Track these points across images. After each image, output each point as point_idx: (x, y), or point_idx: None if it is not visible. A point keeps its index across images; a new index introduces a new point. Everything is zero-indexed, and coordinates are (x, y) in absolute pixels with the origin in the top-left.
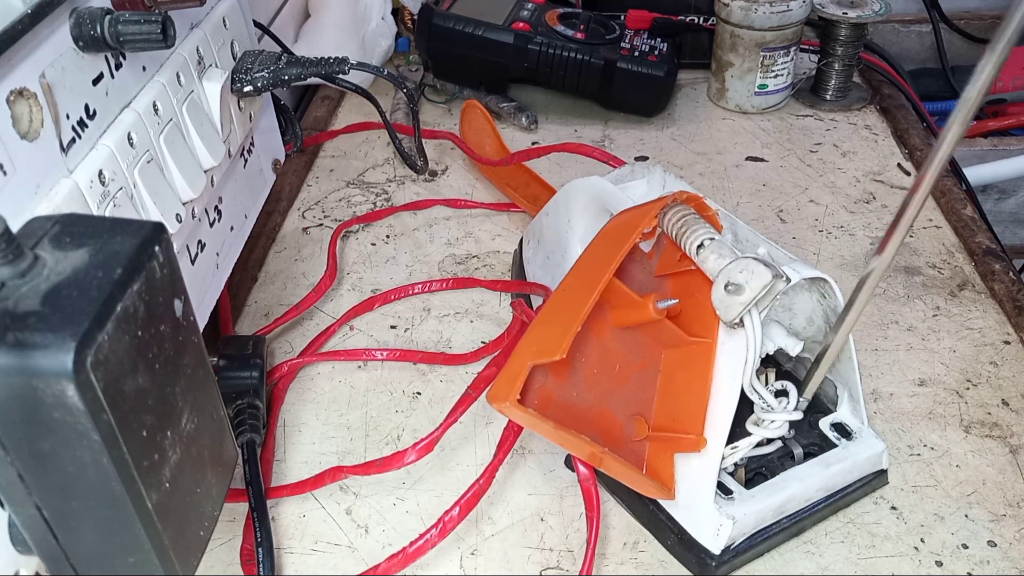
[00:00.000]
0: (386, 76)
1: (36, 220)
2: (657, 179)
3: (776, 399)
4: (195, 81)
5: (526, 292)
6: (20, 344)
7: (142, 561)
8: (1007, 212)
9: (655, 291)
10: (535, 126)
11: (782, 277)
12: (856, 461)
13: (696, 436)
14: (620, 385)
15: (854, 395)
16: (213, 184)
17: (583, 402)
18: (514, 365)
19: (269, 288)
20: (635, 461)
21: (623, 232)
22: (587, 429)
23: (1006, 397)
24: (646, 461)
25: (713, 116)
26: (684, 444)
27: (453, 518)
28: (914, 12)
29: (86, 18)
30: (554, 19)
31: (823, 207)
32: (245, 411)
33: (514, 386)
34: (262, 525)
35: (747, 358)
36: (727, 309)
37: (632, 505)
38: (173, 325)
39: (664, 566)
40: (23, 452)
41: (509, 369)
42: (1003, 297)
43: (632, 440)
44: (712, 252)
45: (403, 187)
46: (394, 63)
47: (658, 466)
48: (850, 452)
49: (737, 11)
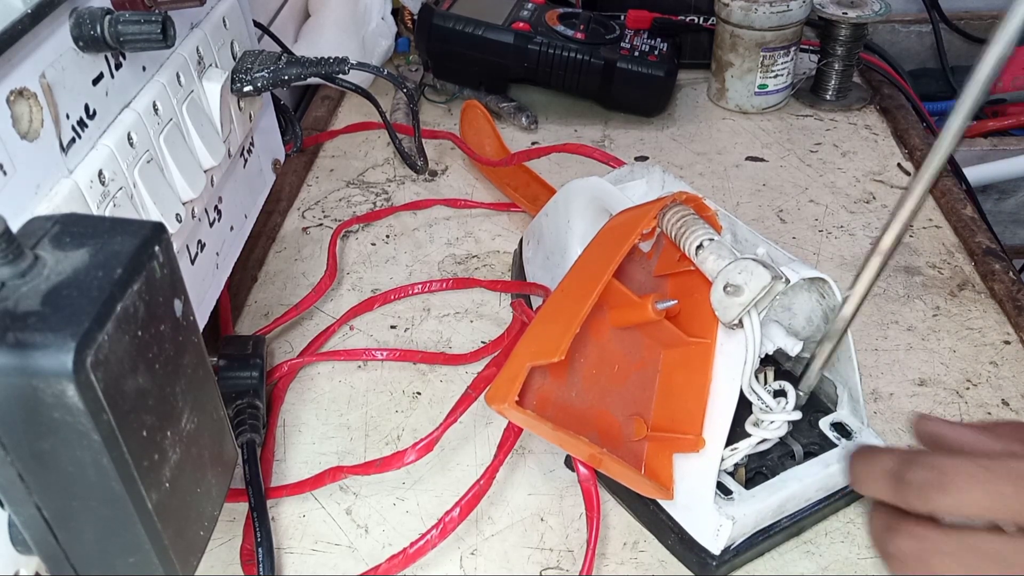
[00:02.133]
0: (386, 76)
1: (36, 220)
2: (656, 179)
3: (775, 399)
4: (195, 81)
5: (526, 292)
6: (20, 344)
7: (142, 561)
8: (1007, 212)
9: (654, 291)
10: (535, 126)
11: (781, 278)
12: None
13: (695, 436)
14: (619, 385)
15: (854, 395)
16: (213, 184)
17: (582, 402)
18: (512, 366)
19: (269, 288)
20: (634, 461)
21: (622, 232)
22: (586, 429)
23: (1006, 397)
24: (645, 461)
25: (713, 116)
26: (683, 444)
27: (454, 519)
28: (914, 12)
29: (86, 18)
30: (554, 19)
31: (823, 207)
32: (245, 411)
33: (512, 387)
34: (262, 525)
35: (746, 359)
36: (726, 310)
37: (632, 505)
38: (173, 325)
39: (664, 566)
40: (23, 452)
41: (508, 370)
42: (1003, 297)
43: (631, 440)
44: (711, 253)
45: (403, 187)
46: (394, 63)
47: (657, 466)
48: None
49: (737, 11)
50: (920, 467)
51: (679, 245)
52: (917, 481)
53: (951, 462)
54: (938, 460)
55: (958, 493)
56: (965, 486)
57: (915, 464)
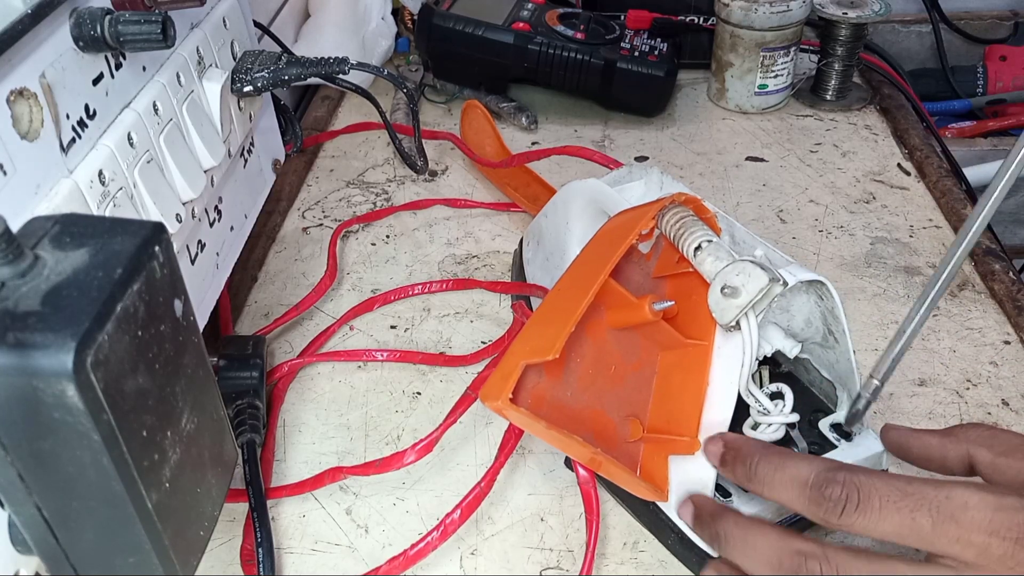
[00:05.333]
0: (386, 76)
1: (36, 220)
2: (655, 180)
3: (772, 402)
4: (195, 81)
5: (526, 294)
6: (20, 344)
7: (142, 561)
8: (1007, 212)
9: (652, 292)
10: (535, 126)
11: (779, 280)
12: (855, 462)
13: (690, 438)
14: (615, 386)
15: (852, 396)
16: (213, 184)
17: (577, 402)
18: (507, 364)
19: (269, 288)
20: (629, 462)
21: (620, 233)
22: (581, 429)
23: (1006, 397)
24: (640, 463)
25: (713, 116)
26: (678, 446)
27: (455, 521)
28: (914, 12)
29: (86, 18)
30: (554, 19)
31: (823, 207)
32: (245, 411)
33: (507, 385)
34: (262, 525)
35: (743, 361)
36: (723, 312)
37: (632, 505)
38: (173, 325)
39: (664, 566)
40: (23, 452)
41: (502, 368)
42: (1003, 297)
43: (626, 441)
44: (709, 254)
45: (403, 187)
46: (394, 63)
47: (652, 468)
48: (849, 454)
49: (737, 11)
50: (839, 485)
51: (677, 246)
52: (835, 498)
53: (869, 483)
54: (858, 479)
55: (874, 515)
56: (882, 510)
57: (834, 482)
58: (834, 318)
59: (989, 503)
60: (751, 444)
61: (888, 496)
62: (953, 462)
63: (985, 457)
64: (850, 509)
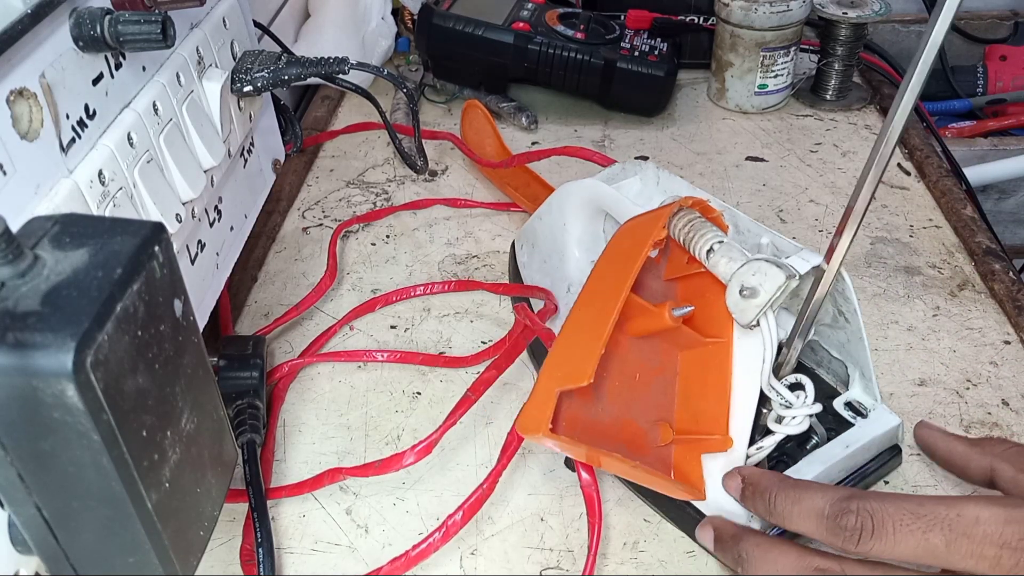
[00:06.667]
0: (386, 76)
1: (36, 220)
2: (650, 176)
3: (792, 393)
4: (195, 81)
5: (527, 296)
6: (20, 344)
7: (142, 561)
8: (1007, 212)
9: (665, 295)
10: (535, 126)
11: (795, 276)
12: (874, 437)
13: (722, 436)
14: (641, 393)
15: (866, 373)
16: (213, 184)
17: (607, 416)
18: (541, 393)
19: (269, 288)
20: (663, 466)
21: (633, 244)
22: (614, 442)
23: (1006, 397)
24: (673, 465)
25: (713, 116)
26: (711, 445)
27: (456, 522)
28: (914, 12)
29: (86, 18)
30: (554, 19)
31: (823, 207)
32: (245, 411)
33: (544, 415)
34: (262, 525)
35: (764, 357)
36: (743, 312)
37: (661, 505)
38: (173, 325)
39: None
40: (23, 452)
41: (537, 398)
42: (1003, 297)
43: (657, 446)
44: (723, 256)
45: (403, 187)
46: (394, 63)
47: (686, 468)
48: (867, 430)
49: (737, 11)
50: (853, 514)
51: (689, 249)
52: (851, 527)
53: (882, 509)
54: (870, 506)
55: (889, 540)
56: (896, 534)
57: (848, 512)
58: (845, 299)
59: (1000, 516)
60: (767, 478)
61: (901, 519)
62: (974, 472)
63: (1007, 472)
64: (866, 536)
